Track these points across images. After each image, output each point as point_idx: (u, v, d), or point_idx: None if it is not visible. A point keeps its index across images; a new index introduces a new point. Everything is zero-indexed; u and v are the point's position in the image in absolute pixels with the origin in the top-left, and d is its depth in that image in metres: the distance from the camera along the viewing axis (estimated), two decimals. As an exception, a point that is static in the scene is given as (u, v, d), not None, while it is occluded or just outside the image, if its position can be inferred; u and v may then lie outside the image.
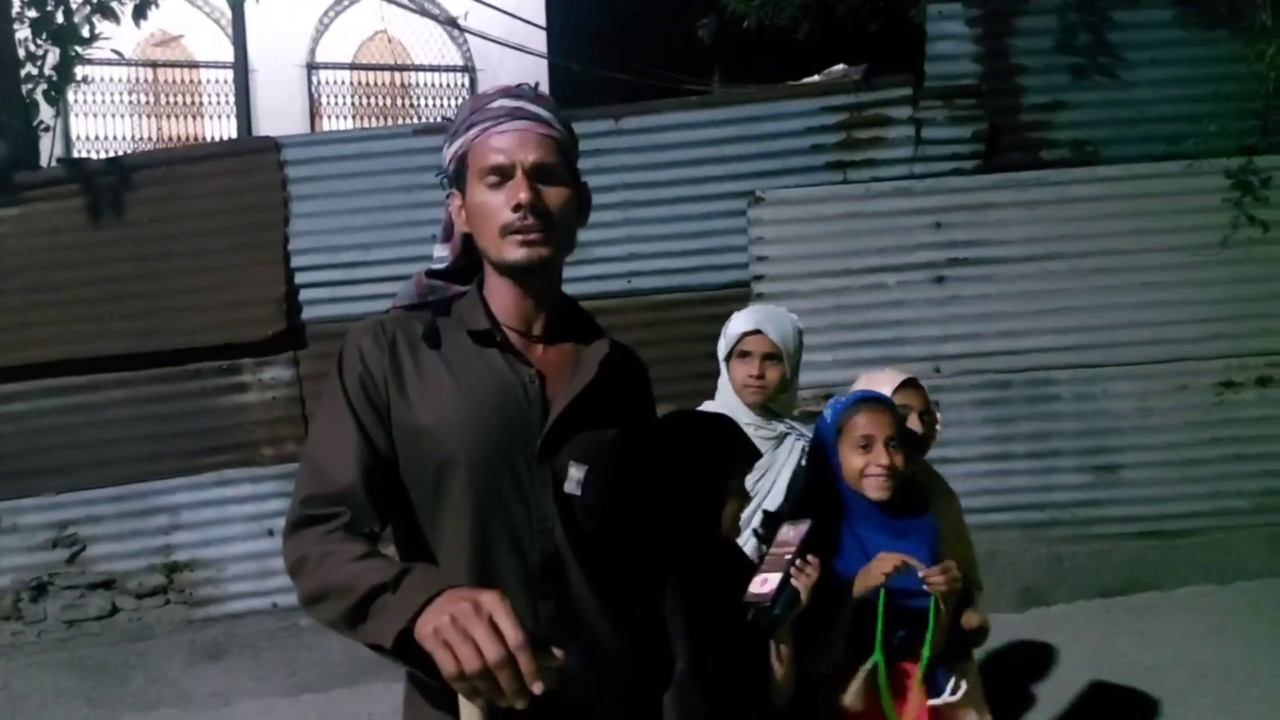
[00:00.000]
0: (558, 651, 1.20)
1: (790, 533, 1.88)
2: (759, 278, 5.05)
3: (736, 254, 5.06)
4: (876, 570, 1.99)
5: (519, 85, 1.53)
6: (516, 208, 1.43)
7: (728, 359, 2.62)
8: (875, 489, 2.11)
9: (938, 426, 2.61)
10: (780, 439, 2.54)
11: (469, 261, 1.59)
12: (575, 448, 1.49)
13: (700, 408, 2.49)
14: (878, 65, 5.15)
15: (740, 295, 4.91)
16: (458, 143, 1.50)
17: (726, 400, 2.58)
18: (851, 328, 5.06)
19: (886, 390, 2.40)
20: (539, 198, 1.44)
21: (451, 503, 1.44)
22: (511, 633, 1.11)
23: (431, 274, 1.61)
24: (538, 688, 1.12)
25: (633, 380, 1.66)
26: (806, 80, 5.62)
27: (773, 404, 2.59)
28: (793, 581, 1.79)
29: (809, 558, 1.83)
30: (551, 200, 1.46)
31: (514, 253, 1.45)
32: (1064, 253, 5.09)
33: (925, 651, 2.06)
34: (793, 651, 1.87)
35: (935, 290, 5.10)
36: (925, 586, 2.02)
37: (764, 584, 1.78)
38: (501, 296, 1.53)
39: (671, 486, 1.77)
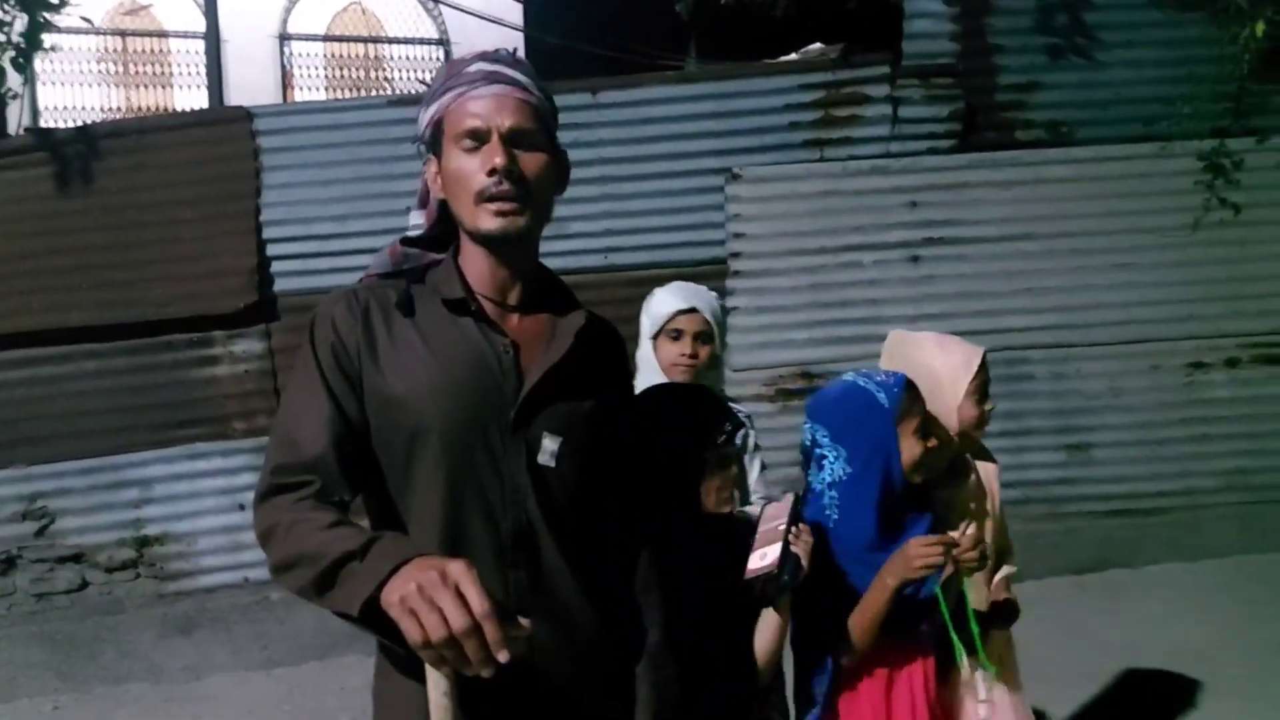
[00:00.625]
0: (524, 621, 1.20)
1: (775, 508, 1.88)
2: (736, 254, 5.05)
3: (714, 230, 5.06)
4: (919, 560, 1.95)
5: (496, 50, 1.51)
6: (492, 172, 1.40)
7: (654, 337, 2.56)
8: (922, 475, 2.12)
9: None
10: None
11: (445, 229, 1.57)
12: (549, 419, 1.47)
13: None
14: (855, 44, 5.15)
15: (717, 272, 4.92)
16: (434, 107, 1.47)
17: (650, 380, 2.49)
18: (827, 306, 5.08)
19: (971, 366, 2.31)
20: (515, 163, 1.42)
21: (424, 472, 1.43)
22: (477, 601, 1.11)
23: (406, 241, 1.59)
24: (503, 656, 1.12)
25: (609, 353, 1.64)
26: (784, 58, 5.61)
27: (701, 381, 2.57)
28: (792, 548, 1.80)
29: (800, 525, 1.84)
30: (528, 166, 1.44)
31: (489, 222, 1.43)
32: (1038, 233, 5.13)
33: (979, 645, 2.09)
34: (786, 622, 1.88)
35: (911, 269, 5.12)
36: (957, 561, 2.01)
37: (764, 558, 1.79)
38: (477, 265, 1.50)
39: (644, 460, 1.76)
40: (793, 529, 1.81)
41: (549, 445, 1.46)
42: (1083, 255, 5.14)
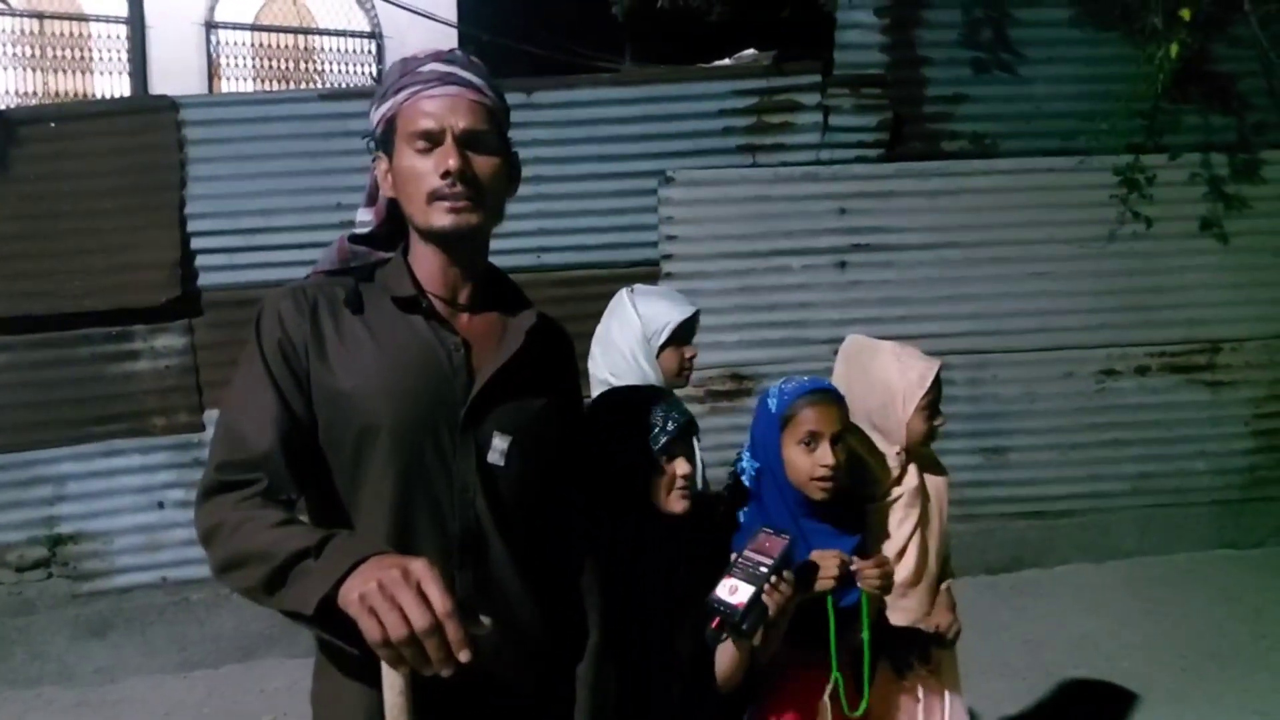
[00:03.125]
0: (485, 619, 1.20)
1: (768, 543, 1.78)
2: (668, 257, 5.09)
3: (646, 232, 5.08)
4: (820, 573, 1.93)
5: (451, 50, 1.51)
6: (445, 174, 1.41)
7: (662, 347, 2.53)
8: (820, 491, 2.00)
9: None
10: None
11: (393, 227, 1.56)
12: (499, 418, 1.48)
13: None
14: (788, 51, 5.22)
15: (649, 274, 4.94)
16: (386, 105, 1.47)
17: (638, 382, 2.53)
18: (756, 309, 5.14)
19: (925, 382, 2.25)
20: (468, 165, 1.43)
21: (373, 470, 1.43)
22: (439, 600, 1.11)
23: (355, 239, 1.58)
24: (464, 656, 1.11)
25: (558, 353, 1.65)
26: (718, 63, 5.67)
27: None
28: (764, 598, 1.71)
29: (785, 574, 1.76)
30: (481, 168, 1.45)
31: (441, 220, 1.43)
32: (960, 242, 5.25)
33: (865, 653, 2.04)
34: (749, 652, 1.83)
35: (838, 275, 5.21)
36: (859, 582, 1.98)
37: (733, 593, 1.70)
38: (427, 264, 1.51)
39: (600, 462, 1.76)
40: (773, 577, 1.73)
41: (499, 444, 1.47)
42: (1002, 264, 5.28)
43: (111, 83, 9.03)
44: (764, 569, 1.72)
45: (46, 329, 4.67)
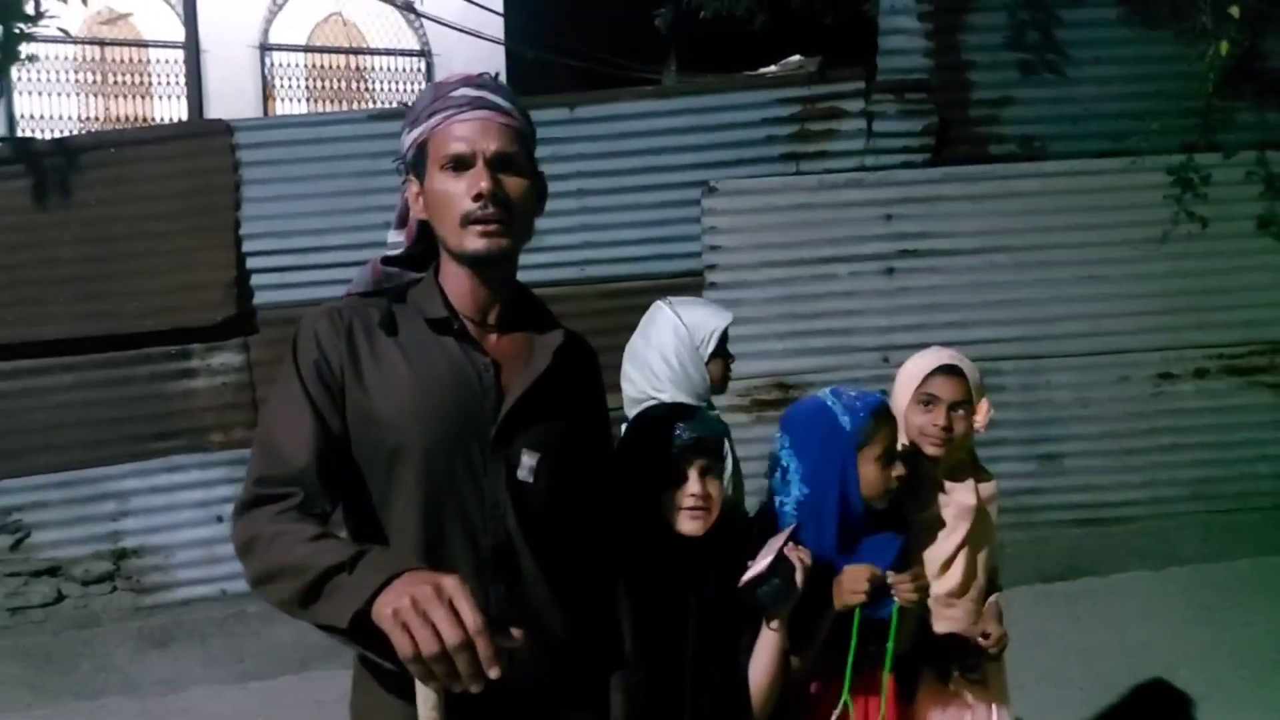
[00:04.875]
0: (516, 632, 1.21)
1: (775, 538, 1.87)
2: (712, 267, 5.10)
3: (690, 243, 5.10)
4: (850, 587, 1.95)
5: (480, 74, 1.54)
6: (477, 197, 1.44)
7: (711, 357, 2.60)
8: (885, 501, 2.08)
9: (977, 419, 2.30)
10: None
11: (424, 248, 1.60)
12: (528, 436, 1.50)
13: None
14: (831, 57, 5.21)
15: (694, 284, 4.96)
16: (418, 129, 1.51)
17: (684, 394, 2.55)
18: (802, 317, 5.13)
19: (917, 374, 2.25)
20: (499, 187, 1.45)
21: (405, 487, 1.46)
22: (470, 617, 1.12)
23: (387, 260, 1.62)
24: (494, 672, 1.13)
25: (585, 371, 1.67)
26: (761, 71, 5.67)
27: None
28: (789, 555, 1.81)
29: (799, 545, 1.86)
30: (512, 190, 1.47)
31: (474, 243, 1.46)
32: (1010, 245, 5.19)
33: (887, 663, 2.03)
34: (785, 638, 1.86)
35: (885, 281, 5.18)
36: (893, 594, 1.98)
37: (758, 567, 1.79)
38: (458, 284, 1.54)
39: (629, 480, 1.78)
40: (789, 544, 1.82)
41: (528, 461, 1.49)
42: (1053, 267, 5.21)
43: (170, 106, 9.27)
44: (778, 544, 1.82)
45: (108, 349, 4.83)
